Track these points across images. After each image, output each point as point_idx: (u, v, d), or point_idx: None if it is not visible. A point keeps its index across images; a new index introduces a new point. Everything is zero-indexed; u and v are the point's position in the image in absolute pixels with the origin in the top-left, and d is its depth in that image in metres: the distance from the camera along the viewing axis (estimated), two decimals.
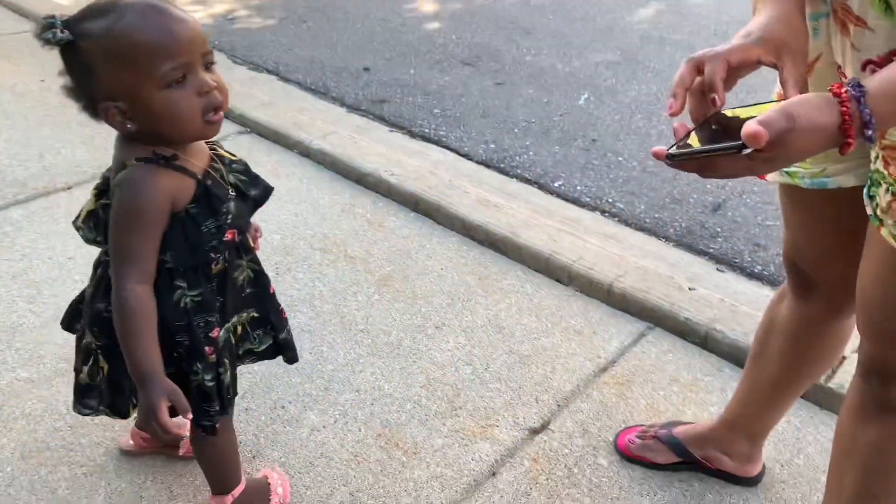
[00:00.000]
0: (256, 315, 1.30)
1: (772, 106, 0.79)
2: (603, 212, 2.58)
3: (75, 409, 1.31)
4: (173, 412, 1.09)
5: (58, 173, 2.63)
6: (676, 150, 0.79)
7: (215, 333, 1.21)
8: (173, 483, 1.52)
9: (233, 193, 1.18)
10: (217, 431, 1.27)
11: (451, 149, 3.00)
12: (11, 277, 2.09)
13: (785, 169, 1.16)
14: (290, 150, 2.90)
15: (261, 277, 1.28)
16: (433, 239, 2.36)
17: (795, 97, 0.81)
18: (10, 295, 2.02)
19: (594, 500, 1.53)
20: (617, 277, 2.11)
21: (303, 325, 1.95)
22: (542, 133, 3.18)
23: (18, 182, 2.56)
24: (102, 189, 1.17)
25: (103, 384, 1.25)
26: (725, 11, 4.80)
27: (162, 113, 1.05)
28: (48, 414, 1.66)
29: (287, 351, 1.37)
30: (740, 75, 0.91)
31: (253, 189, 1.22)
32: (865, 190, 1.02)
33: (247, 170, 1.23)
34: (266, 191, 1.24)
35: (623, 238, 2.37)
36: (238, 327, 1.29)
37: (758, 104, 0.86)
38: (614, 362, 1.89)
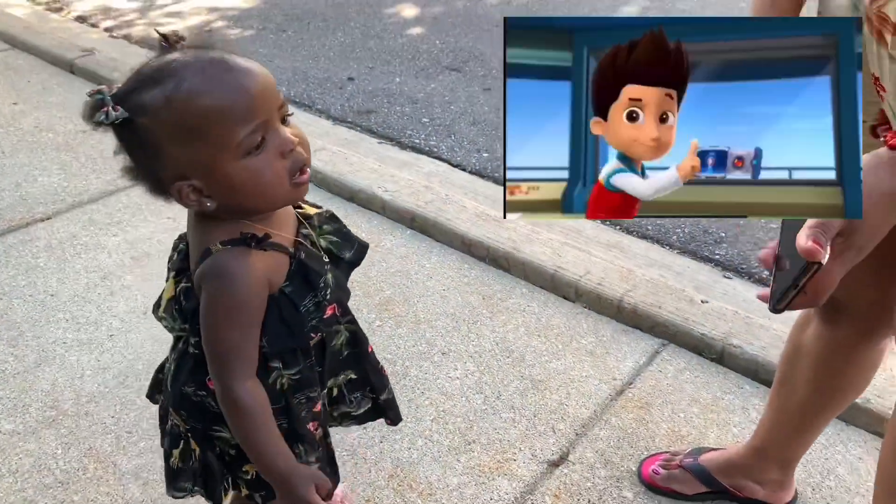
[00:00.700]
0: (354, 377, 1.18)
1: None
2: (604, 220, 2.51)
3: (169, 494, 1.17)
4: None
5: (36, 203, 2.51)
6: (779, 302, 0.70)
7: (318, 408, 1.10)
8: None
9: (327, 260, 1.05)
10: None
11: (443, 159, 2.92)
12: None
13: None
14: None
15: (358, 337, 1.15)
16: (432, 257, 2.28)
17: None
18: None
19: None
20: (626, 292, 2.04)
21: None
22: None
23: None
24: (180, 269, 1.03)
25: (196, 467, 1.13)
26: (710, 8, 4.75)
27: (244, 185, 0.90)
28: (36, 469, 1.56)
29: (389, 412, 1.25)
30: None
31: (347, 251, 1.08)
32: None
33: (338, 228, 1.09)
34: (361, 249, 1.10)
35: (627, 247, 2.30)
36: (334, 389, 1.17)
37: None
38: (631, 384, 1.82)
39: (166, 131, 0.88)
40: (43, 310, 2.01)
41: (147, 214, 2.44)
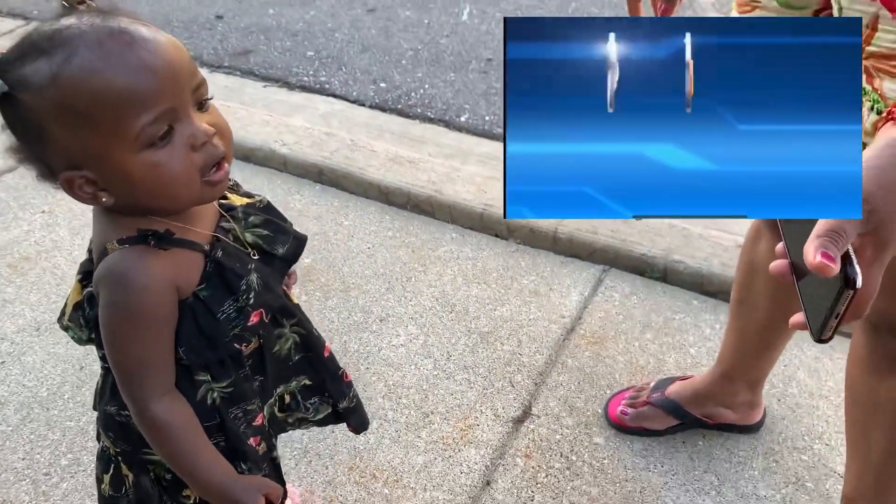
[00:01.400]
0: (309, 382, 1.03)
1: None
2: None
3: None
4: None
5: None
6: (822, 333, 0.61)
7: (259, 421, 0.96)
8: None
9: (255, 257, 0.90)
10: None
11: (338, 96, 2.70)
12: None
13: None
14: None
15: (310, 340, 1.00)
16: (349, 213, 2.10)
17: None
18: None
19: (602, 488, 1.40)
20: (559, 221, 1.94)
21: None
22: (433, 61, 2.90)
23: None
24: (88, 271, 0.87)
25: (130, 494, 0.99)
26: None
27: (144, 182, 0.76)
28: None
29: (350, 419, 1.10)
30: None
31: (280, 245, 0.92)
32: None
33: (268, 220, 0.93)
34: (298, 244, 0.95)
35: None
36: (286, 396, 1.02)
37: None
38: (580, 319, 1.74)
39: (52, 113, 0.73)
40: None
41: (16, 210, 2.14)
